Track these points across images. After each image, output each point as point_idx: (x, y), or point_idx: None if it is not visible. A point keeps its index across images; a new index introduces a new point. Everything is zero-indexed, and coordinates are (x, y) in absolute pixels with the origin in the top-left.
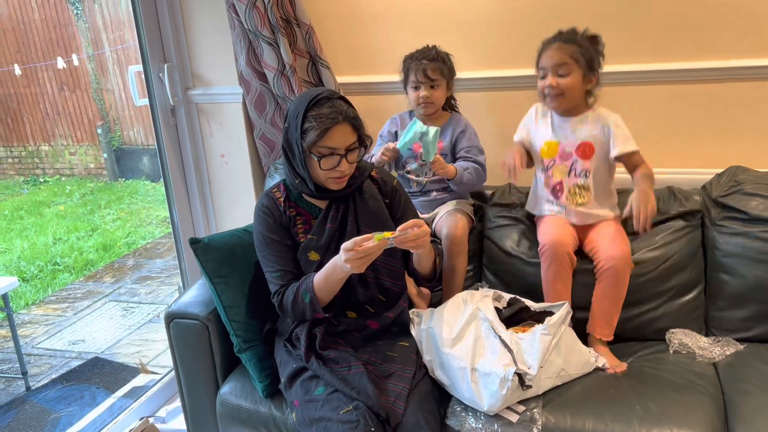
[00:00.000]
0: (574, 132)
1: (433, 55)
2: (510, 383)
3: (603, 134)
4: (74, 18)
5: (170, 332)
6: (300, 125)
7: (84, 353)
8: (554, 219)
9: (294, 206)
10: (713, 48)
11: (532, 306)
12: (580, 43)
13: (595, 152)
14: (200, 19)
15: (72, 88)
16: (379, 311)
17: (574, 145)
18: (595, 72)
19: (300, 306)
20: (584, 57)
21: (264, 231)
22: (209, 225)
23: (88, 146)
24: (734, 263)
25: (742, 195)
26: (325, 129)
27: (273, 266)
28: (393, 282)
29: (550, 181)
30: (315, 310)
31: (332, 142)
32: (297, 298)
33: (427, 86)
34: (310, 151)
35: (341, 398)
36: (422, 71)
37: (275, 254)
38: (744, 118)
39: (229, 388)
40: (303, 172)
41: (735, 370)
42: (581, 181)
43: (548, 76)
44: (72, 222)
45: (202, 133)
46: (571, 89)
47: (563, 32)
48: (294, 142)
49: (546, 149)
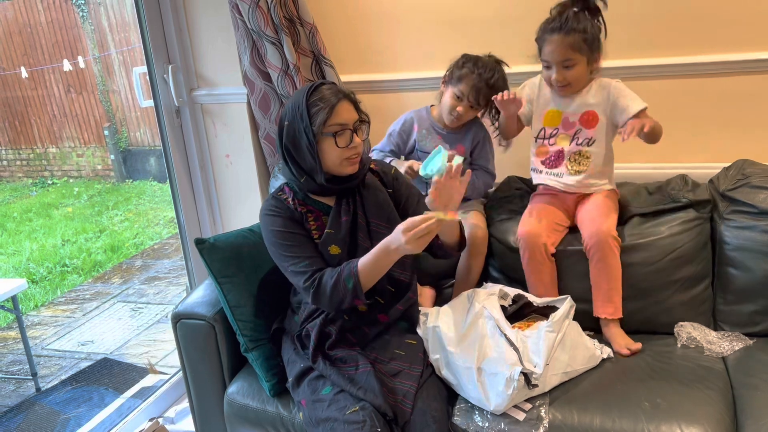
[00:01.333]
0: (576, 102)
1: (494, 82)
2: (516, 383)
3: (607, 101)
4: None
5: (177, 333)
6: (306, 112)
7: (93, 354)
8: (537, 207)
9: (303, 204)
10: (721, 41)
11: (536, 301)
12: (580, 28)
13: (599, 121)
14: (204, 20)
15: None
16: (388, 303)
17: (578, 114)
18: (598, 51)
19: (340, 292)
20: (587, 42)
21: (278, 228)
22: (215, 225)
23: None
24: (742, 257)
25: (750, 188)
26: (332, 105)
27: (299, 256)
28: (402, 272)
29: (548, 148)
30: (356, 296)
31: (341, 118)
32: (338, 284)
33: (467, 107)
34: (323, 133)
35: (348, 398)
36: (475, 92)
37: (298, 245)
38: (752, 112)
39: (236, 388)
40: (312, 164)
41: (744, 365)
42: (584, 149)
43: (553, 69)
44: (80, 223)
45: (207, 133)
46: (579, 78)
47: (561, 20)
48: (302, 131)
49: (549, 117)
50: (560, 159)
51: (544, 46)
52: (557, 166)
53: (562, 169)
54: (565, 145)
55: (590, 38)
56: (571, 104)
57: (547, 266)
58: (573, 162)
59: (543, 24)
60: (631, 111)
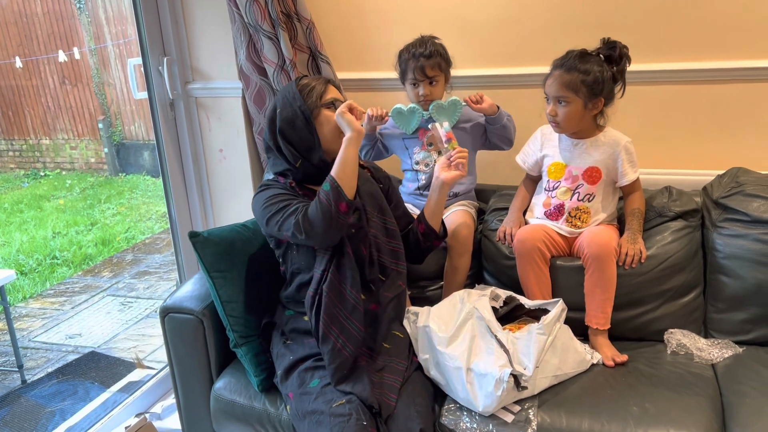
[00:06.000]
0: (582, 155)
1: (429, 52)
2: (505, 384)
3: (612, 159)
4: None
5: (165, 327)
6: (298, 94)
7: (81, 347)
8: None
9: (300, 188)
10: (716, 48)
11: (527, 303)
12: (583, 68)
13: (602, 178)
14: (200, 13)
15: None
16: (379, 290)
17: (582, 169)
18: (599, 96)
19: (324, 202)
20: (586, 84)
21: (274, 192)
22: (207, 220)
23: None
24: (734, 265)
25: (743, 196)
26: (324, 84)
27: (290, 204)
28: (393, 261)
29: (550, 201)
30: (339, 198)
31: (333, 94)
32: (319, 195)
33: (426, 84)
34: (319, 106)
35: (335, 391)
36: (420, 69)
37: (291, 201)
38: (746, 120)
39: (224, 384)
40: (309, 140)
41: (733, 372)
42: (583, 205)
43: (550, 103)
44: (71, 216)
45: (201, 127)
46: (569, 119)
47: (568, 56)
48: (298, 111)
49: (553, 170)
50: (560, 213)
51: (547, 79)
52: (557, 219)
53: (562, 223)
54: (566, 199)
55: (591, 81)
56: (576, 158)
57: (542, 271)
58: (573, 217)
59: (554, 60)
60: (627, 180)
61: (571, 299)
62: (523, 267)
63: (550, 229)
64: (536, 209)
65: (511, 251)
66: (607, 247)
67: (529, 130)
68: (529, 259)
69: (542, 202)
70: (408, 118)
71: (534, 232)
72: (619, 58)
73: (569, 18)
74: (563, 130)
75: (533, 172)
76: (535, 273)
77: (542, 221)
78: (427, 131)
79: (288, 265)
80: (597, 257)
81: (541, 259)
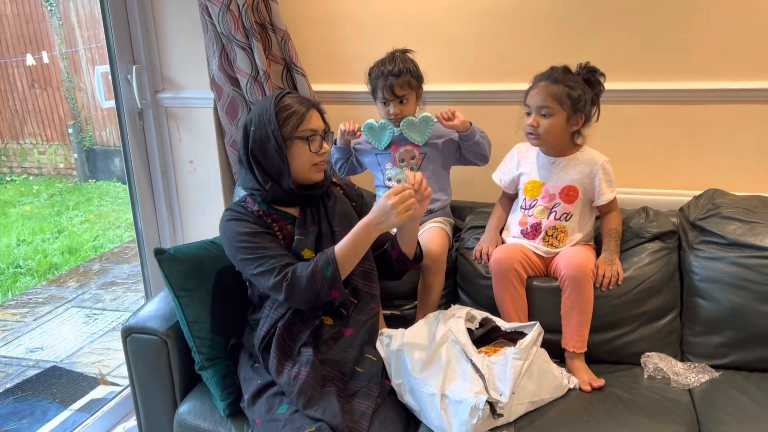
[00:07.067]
0: (560, 174)
1: (398, 70)
2: (481, 412)
3: (589, 178)
4: (48, 14)
5: (127, 347)
6: (274, 117)
7: (42, 362)
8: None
9: (267, 214)
10: (694, 70)
11: (504, 326)
12: (568, 82)
13: (579, 197)
14: (172, 21)
15: (43, 85)
16: (351, 314)
17: (559, 188)
18: (581, 113)
19: (318, 282)
20: (570, 98)
21: (245, 228)
22: (175, 234)
23: (58, 146)
24: (710, 288)
25: (720, 218)
26: (303, 113)
27: (266, 255)
28: (365, 283)
29: (527, 219)
30: (334, 285)
31: (312, 124)
32: (315, 273)
33: (396, 103)
34: (294, 137)
35: (304, 418)
36: (389, 88)
37: (264, 245)
38: (723, 141)
39: (188, 408)
40: (280, 167)
41: (711, 397)
42: (560, 224)
43: (532, 115)
44: (38, 223)
45: (170, 138)
46: (550, 132)
47: (554, 70)
48: (271, 135)
49: (530, 188)
50: (537, 232)
51: (530, 91)
52: (534, 238)
53: (539, 242)
54: (543, 218)
55: (575, 97)
56: (553, 176)
57: (518, 292)
58: (550, 236)
59: (535, 76)
60: (604, 199)
61: (547, 321)
62: (499, 287)
63: (526, 248)
64: (512, 228)
65: (488, 270)
66: (584, 268)
67: (504, 147)
68: (506, 279)
69: (518, 221)
70: (379, 133)
71: (511, 252)
72: (597, 82)
73: (545, 35)
74: (542, 143)
75: (510, 190)
76: (511, 294)
77: (519, 240)
78: (399, 147)
79: (255, 289)
80: (574, 279)
81: (517, 280)
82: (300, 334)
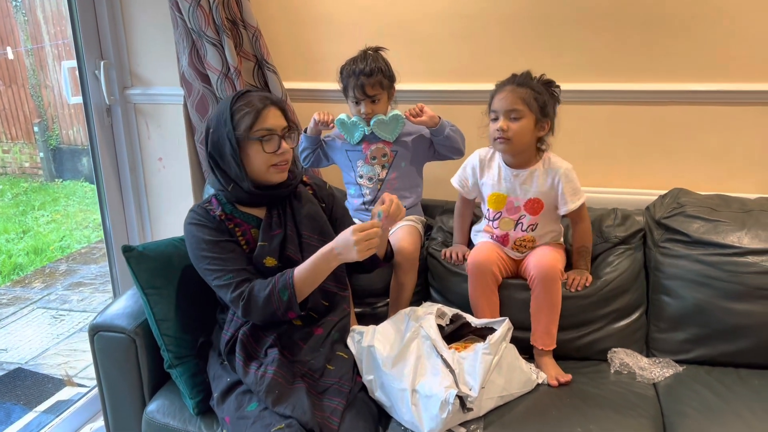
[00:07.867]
0: (523, 186)
1: (370, 69)
2: (451, 406)
3: (552, 188)
4: (12, 10)
5: (94, 346)
6: (230, 119)
7: (6, 363)
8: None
9: (231, 218)
10: (660, 71)
11: (474, 322)
12: (534, 87)
13: (543, 208)
14: (141, 16)
15: (8, 82)
16: (322, 317)
17: (523, 201)
18: (547, 118)
19: (274, 304)
20: (537, 102)
21: (205, 235)
22: (144, 232)
23: (23, 144)
24: (675, 285)
25: (685, 217)
26: (258, 110)
27: (225, 267)
28: (336, 285)
29: (493, 230)
30: (291, 308)
31: (267, 123)
32: (272, 295)
33: (368, 102)
34: (248, 138)
35: (274, 415)
36: (360, 88)
37: (225, 255)
38: (687, 142)
39: (157, 406)
40: (237, 172)
41: (675, 392)
42: (528, 236)
43: (500, 119)
44: (2, 223)
45: (139, 135)
46: (521, 135)
47: (517, 75)
48: (225, 138)
49: (494, 200)
50: (505, 242)
51: (495, 96)
52: (504, 245)
53: (509, 249)
54: (509, 230)
55: (541, 101)
56: (516, 189)
57: (493, 293)
58: (519, 246)
59: (498, 82)
60: (570, 207)
61: (517, 318)
62: (476, 288)
63: (501, 250)
64: (480, 236)
65: (458, 268)
66: (553, 269)
67: (477, 146)
68: (483, 282)
69: (484, 229)
70: (351, 129)
71: (489, 254)
72: (553, 94)
73: (518, 36)
74: (512, 147)
75: (470, 196)
76: (487, 295)
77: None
78: (371, 144)
79: None
80: (543, 279)
81: (493, 282)
82: (265, 338)
